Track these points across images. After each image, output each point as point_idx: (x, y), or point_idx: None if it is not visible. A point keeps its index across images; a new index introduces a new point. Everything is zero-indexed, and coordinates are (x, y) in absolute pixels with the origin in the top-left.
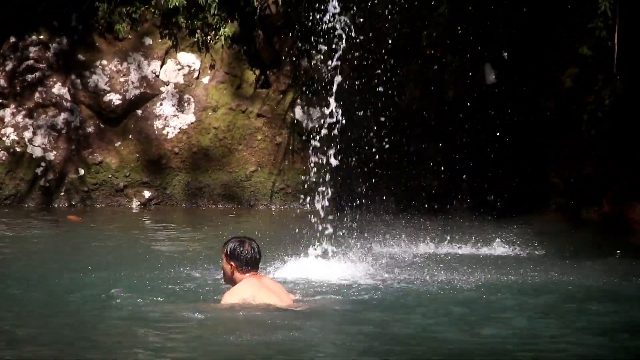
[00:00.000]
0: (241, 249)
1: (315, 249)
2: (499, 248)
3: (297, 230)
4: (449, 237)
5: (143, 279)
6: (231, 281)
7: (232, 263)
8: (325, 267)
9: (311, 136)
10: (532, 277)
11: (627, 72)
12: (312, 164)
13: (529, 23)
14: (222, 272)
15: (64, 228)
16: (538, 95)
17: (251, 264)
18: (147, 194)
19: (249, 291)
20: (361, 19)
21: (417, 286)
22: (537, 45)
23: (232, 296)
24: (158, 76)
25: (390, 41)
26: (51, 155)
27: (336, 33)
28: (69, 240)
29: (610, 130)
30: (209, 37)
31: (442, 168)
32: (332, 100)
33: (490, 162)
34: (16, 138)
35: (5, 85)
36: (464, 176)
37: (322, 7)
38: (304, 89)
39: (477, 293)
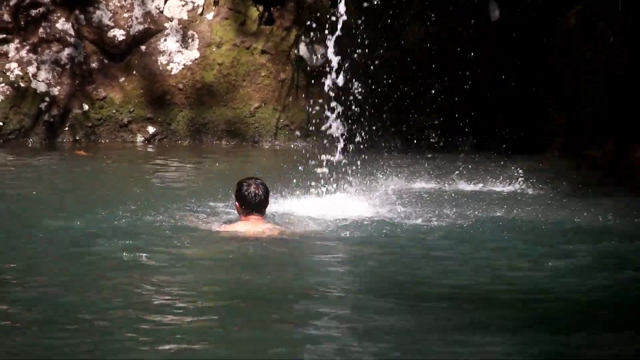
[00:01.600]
0: (246, 190)
1: (317, 186)
2: (502, 185)
3: (299, 168)
4: (453, 175)
5: (146, 212)
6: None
7: (237, 203)
8: (326, 204)
9: (316, 74)
10: (537, 214)
11: (631, 15)
12: (316, 104)
13: None
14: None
15: (70, 162)
16: (542, 34)
17: (253, 207)
18: (151, 129)
19: (242, 229)
20: None
21: (419, 222)
22: None
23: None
24: (162, 12)
25: None
26: (55, 91)
27: None
28: (77, 175)
29: (613, 69)
30: None
31: (447, 106)
32: (330, 43)
33: (495, 100)
34: (20, 73)
35: (9, 20)
36: (469, 114)
37: None
38: (307, 25)
39: (479, 229)
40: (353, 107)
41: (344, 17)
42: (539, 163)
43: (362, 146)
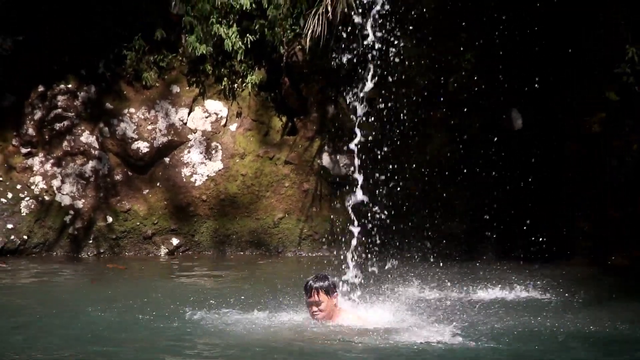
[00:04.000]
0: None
1: (345, 296)
2: (527, 293)
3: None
4: (478, 282)
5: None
6: (330, 313)
7: (336, 293)
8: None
9: (340, 183)
10: (564, 322)
11: None
12: (341, 213)
13: (556, 68)
14: (316, 310)
15: (97, 275)
16: (565, 141)
17: None
18: (175, 241)
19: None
20: (393, 61)
21: (448, 333)
22: (564, 90)
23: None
24: (185, 124)
25: (416, 87)
26: (79, 204)
27: (365, 75)
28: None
29: (637, 175)
30: (236, 84)
31: (471, 213)
32: (355, 157)
33: (518, 207)
34: (45, 186)
35: (34, 134)
36: (493, 222)
37: (349, 53)
38: (330, 135)
39: (508, 339)
40: (378, 217)
41: (360, 133)
42: (562, 271)
43: (387, 255)
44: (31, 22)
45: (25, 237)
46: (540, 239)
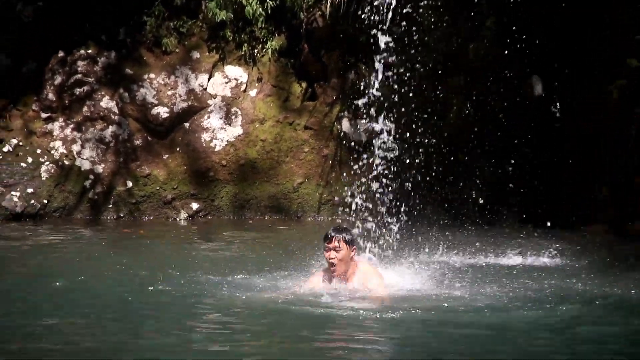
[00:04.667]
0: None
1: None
2: (546, 259)
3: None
4: (498, 248)
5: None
6: (346, 265)
7: (354, 247)
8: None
9: (359, 149)
10: (578, 287)
11: None
12: (360, 178)
13: (576, 35)
14: (334, 257)
15: (115, 239)
16: (586, 107)
17: None
18: (194, 206)
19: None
20: (410, 33)
21: (465, 296)
22: (584, 57)
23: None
24: (205, 89)
25: (436, 55)
26: (99, 168)
27: (384, 45)
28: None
29: None
30: (256, 50)
31: (492, 180)
32: (379, 122)
33: (539, 173)
34: (65, 151)
35: (54, 99)
36: (513, 189)
37: (369, 21)
38: (350, 101)
39: (525, 302)
40: (399, 182)
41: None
42: (582, 237)
43: (407, 219)
44: None
45: (45, 201)
46: (561, 206)
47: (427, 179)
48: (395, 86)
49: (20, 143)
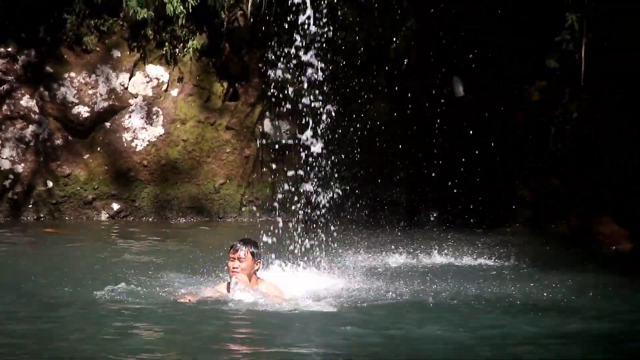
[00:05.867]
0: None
1: (285, 262)
2: (466, 259)
3: (267, 242)
4: (419, 249)
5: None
6: (248, 277)
7: (259, 261)
8: (295, 279)
9: (280, 150)
10: (497, 288)
11: (593, 85)
12: (282, 178)
13: (496, 36)
14: (237, 267)
15: (35, 240)
16: (506, 108)
17: None
18: (115, 206)
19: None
20: (330, 31)
21: (386, 296)
22: (505, 58)
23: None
24: (127, 88)
25: (358, 54)
26: (19, 168)
27: (304, 44)
28: (42, 253)
29: (576, 143)
30: (177, 49)
31: (412, 181)
32: (308, 132)
33: (460, 174)
34: None
35: None
36: (433, 188)
37: (291, 19)
38: (272, 102)
39: (441, 304)
40: (319, 182)
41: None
42: (503, 237)
43: (326, 221)
44: None
45: None
46: (482, 207)
47: (350, 178)
48: (317, 86)
49: None
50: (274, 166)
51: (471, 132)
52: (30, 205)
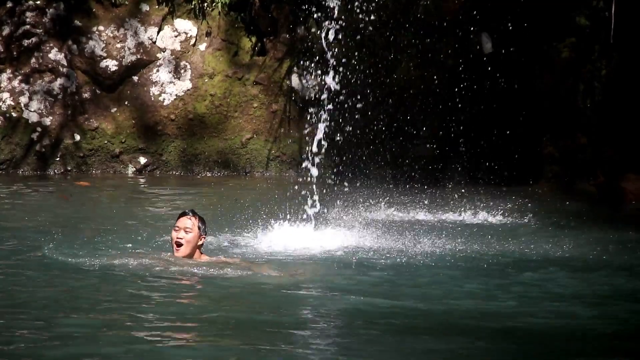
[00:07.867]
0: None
1: (306, 216)
2: (492, 216)
3: (290, 198)
4: (443, 205)
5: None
6: (192, 250)
7: (204, 237)
8: (314, 234)
9: (308, 105)
10: (524, 245)
11: (624, 42)
12: (308, 133)
13: None
14: (182, 237)
15: (66, 192)
16: (534, 65)
17: None
18: (142, 160)
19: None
20: None
21: (409, 253)
22: (534, 15)
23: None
24: (155, 43)
25: (385, 11)
26: (47, 121)
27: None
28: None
29: (605, 101)
30: (205, 3)
31: (439, 136)
32: (329, 77)
33: (487, 131)
34: (12, 103)
35: (2, 50)
36: (460, 144)
37: None
38: (300, 57)
39: (471, 261)
40: (345, 139)
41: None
42: (529, 194)
43: (353, 177)
44: None
45: None
46: (508, 164)
47: (374, 134)
48: (344, 42)
49: None
50: (300, 122)
51: (499, 88)
52: (58, 159)
